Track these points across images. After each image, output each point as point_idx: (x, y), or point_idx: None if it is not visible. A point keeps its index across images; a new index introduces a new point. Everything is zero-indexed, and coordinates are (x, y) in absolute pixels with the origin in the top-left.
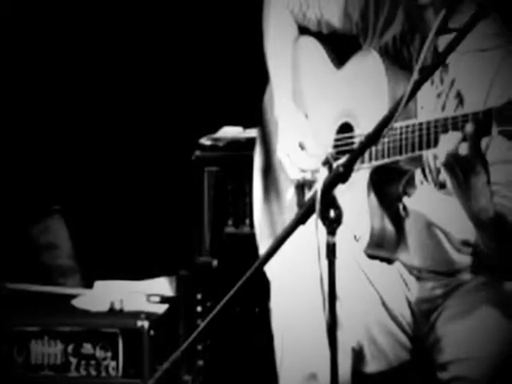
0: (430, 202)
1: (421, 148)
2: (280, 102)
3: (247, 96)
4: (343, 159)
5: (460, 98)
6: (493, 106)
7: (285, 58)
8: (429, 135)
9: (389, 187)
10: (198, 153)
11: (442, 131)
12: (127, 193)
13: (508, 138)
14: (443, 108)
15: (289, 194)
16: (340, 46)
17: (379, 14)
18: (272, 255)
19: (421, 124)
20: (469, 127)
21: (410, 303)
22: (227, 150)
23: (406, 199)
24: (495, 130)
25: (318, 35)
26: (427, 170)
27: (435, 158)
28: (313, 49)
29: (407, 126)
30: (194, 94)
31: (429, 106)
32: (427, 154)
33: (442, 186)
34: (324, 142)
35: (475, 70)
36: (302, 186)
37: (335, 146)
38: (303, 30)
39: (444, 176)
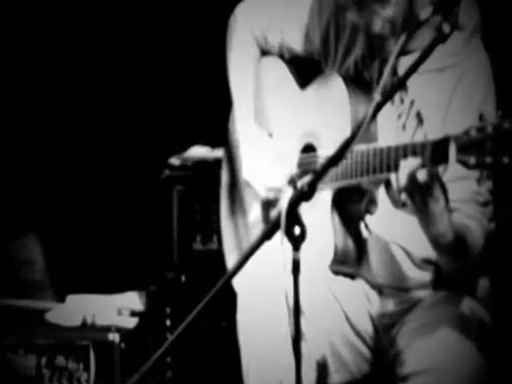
0: (391, 220)
1: (381, 171)
2: (241, 123)
3: (215, 116)
4: (307, 178)
5: (419, 119)
6: (450, 132)
7: (247, 78)
8: (389, 160)
9: (351, 207)
10: (167, 172)
11: (402, 156)
12: (99, 210)
13: (466, 166)
14: (404, 127)
15: (253, 214)
16: (304, 68)
17: (339, 41)
18: (239, 270)
19: (382, 149)
20: (427, 154)
21: (372, 318)
22: (195, 170)
23: (368, 219)
24: (453, 159)
25: (281, 57)
26: (388, 190)
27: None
28: (277, 68)
29: (369, 150)
30: (163, 115)
31: (390, 126)
32: (389, 175)
33: (403, 205)
34: (289, 160)
35: (433, 90)
36: (267, 204)
37: (299, 166)
38: (265, 53)
39: (405, 196)
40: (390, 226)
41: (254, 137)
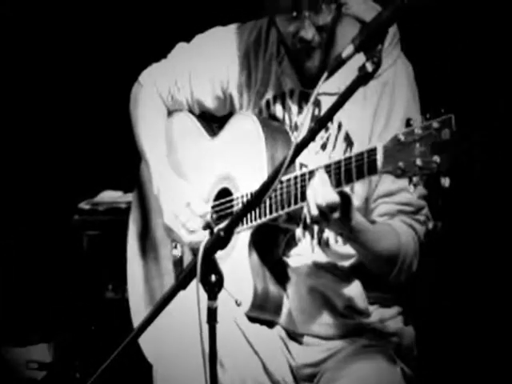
0: (312, 265)
1: (303, 199)
2: (159, 176)
3: (127, 160)
4: (224, 223)
5: (349, 141)
6: (375, 143)
7: (158, 136)
8: (303, 188)
9: (270, 247)
10: (76, 217)
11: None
12: (6, 259)
13: (395, 175)
14: (330, 157)
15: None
16: (213, 117)
17: (252, 88)
18: (150, 323)
19: (303, 175)
20: (353, 169)
21: (291, 368)
22: (107, 215)
23: (288, 261)
24: (380, 169)
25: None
26: (310, 229)
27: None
28: (186, 122)
29: (288, 180)
30: (73, 159)
31: (311, 161)
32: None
33: (326, 244)
34: (204, 209)
35: (358, 108)
36: (180, 261)
37: (215, 212)
38: (174, 111)
39: (326, 235)
40: (311, 271)
41: (171, 183)
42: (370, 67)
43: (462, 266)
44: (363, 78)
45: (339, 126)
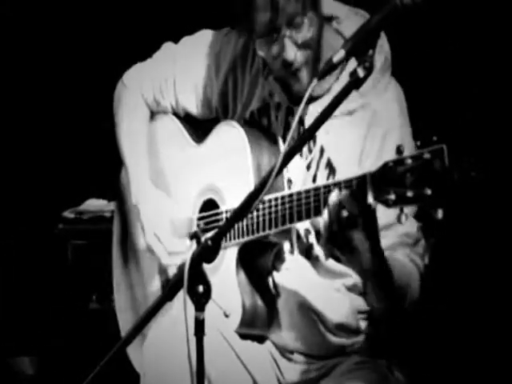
0: (302, 281)
1: (292, 221)
2: (138, 186)
3: (112, 169)
4: (212, 233)
5: (331, 168)
6: (367, 172)
7: (139, 141)
8: (300, 206)
9: (258, 262)
10: (61, 226)
11: (314, 201)
12: None
13: (386, 205)
14: (314, 179)
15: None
16: (199, 123)
17: (238, 98)
18: (137, 333)
19: (291, 195)
20: (344, 195)
21: None
22: (92, 224)
23: (278, 277)
24: (371, 198)
25: (175, 115)
26: (299, 244)
27: (308, 232)
28: (170, 126)
29: (276, 199)
30: (57, 167)
31: (298, 179)
32: (299, 229)
33: (316, 259)
34: (190, 219)
35: (345, 135)
36: (165, 270)
37: (202, 224)
38: (158, 113)
39: (316, 251)
40: (302, 287)
41: (152, 199)
42: (361, 72)
43: (457, 281)
44: (354, 84)
45: (321, 151)
